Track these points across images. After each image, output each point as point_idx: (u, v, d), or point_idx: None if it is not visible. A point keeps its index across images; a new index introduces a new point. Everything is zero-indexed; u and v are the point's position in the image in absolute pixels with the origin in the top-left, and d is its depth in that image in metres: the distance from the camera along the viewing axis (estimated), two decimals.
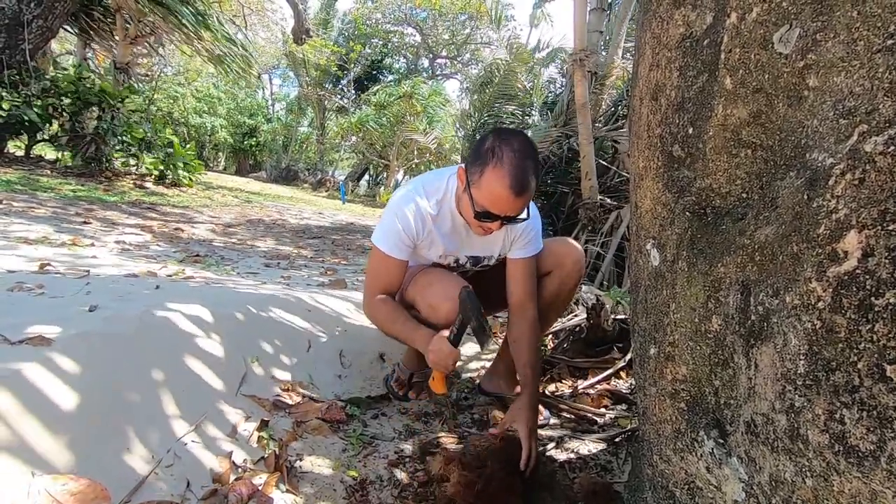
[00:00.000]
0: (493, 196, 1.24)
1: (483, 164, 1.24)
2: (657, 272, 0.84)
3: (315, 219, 7.96)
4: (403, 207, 1.41)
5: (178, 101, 17.81)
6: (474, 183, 1.26)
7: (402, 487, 1.24)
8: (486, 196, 1.25)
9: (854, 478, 0.46)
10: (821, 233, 0.50)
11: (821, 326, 0.49)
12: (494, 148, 1.23)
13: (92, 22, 8.01)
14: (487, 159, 1.23)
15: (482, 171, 1.24)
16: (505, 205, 1.25)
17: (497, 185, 1.22)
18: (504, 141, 1.24)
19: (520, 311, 1.48)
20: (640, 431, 0.97)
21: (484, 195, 1.25)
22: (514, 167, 1.21)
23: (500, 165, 1.22)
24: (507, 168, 1.21)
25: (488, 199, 1.25)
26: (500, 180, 1.21)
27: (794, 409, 0.52)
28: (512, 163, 1.21)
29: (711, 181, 0.73)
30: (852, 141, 0.50)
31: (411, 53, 22.28)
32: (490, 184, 1.23)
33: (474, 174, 1.26)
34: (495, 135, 1.27)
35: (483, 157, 1.24)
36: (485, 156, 1.24)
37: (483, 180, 1.24)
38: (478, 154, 1.27)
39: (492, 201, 1.24)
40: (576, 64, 3.86)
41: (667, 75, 0.82)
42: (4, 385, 0.94)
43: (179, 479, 1.04)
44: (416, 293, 1.49)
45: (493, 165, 1.22)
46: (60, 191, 5.13)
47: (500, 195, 1.23)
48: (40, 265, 2.16)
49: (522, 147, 1.24)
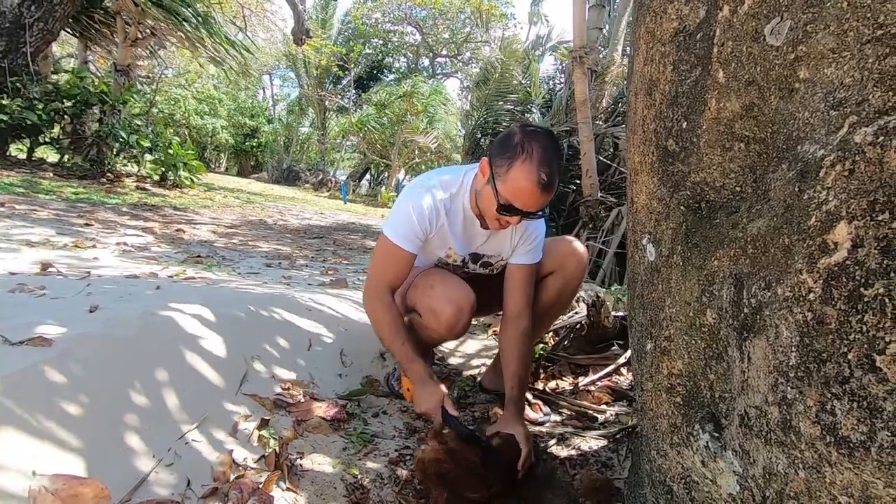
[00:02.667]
0: (520, 190, 1.24)
1: (511, 157, 1.24)
2: (653, 267, 0.84)
3: (316, 219, 7.97)
4: (419, 198, 1.39)
5: (179, 102, 17.85)
6: (500, 176, 1.26)
7: (403, 485, 1.24)
8: (511, 190, 1.25)
9: (845, 468, 0.46)
10: (811, 224, 0.50)
11: (812, 318, 0.49)
12: (524, 143, 1.24)
13: (92, 24, 8.04)
14: (516, 153, 1.23)
15: (510, 165, 1.24)
16: (530, 200, 1.25)
17: (524, 180, 1.22)
18: (533, 137, 1.25)
19: (514, 319, 1.48)
20: (638, 427, 0.97)
21: (509, 189, 1.25)
22: (542, 163, 1.22)
23: (529, 161, 1.22)
24: (536, 163, 1.22)
25: (513, 193, 1.25)
26: (528, 175, 1.22)
27: (787, 401, 0.52)
28: (541, 158, 1.22)
29: (706, 175, 0.73)
30: (843, 132, 0.50)
31: (411, 52, 22.28)
32: (517, 178, 1.23)
33: (501, 167, 1.26)
34: (522, 130, 1.28)
35: (511, 151, 1.24)
36: (513, 150, 1.24)
37: (510, 174, 1.24)
38: (505, 147, 1.27)
39: (517, 195, 1.25)
40: (575, 61, 3.85)
41: (661, 70, 0.82)
42: (7, 385, 0.95)
43: (180, 478, 1.04)
44: (418, 297, 1.48)
45: (521, 160, 1.23)
46: (62, 193, 5.15)
47: (527, 190, 1.23)
48: (42, 267, 2.17)
49: (550, 144, 1.25)
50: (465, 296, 1.44)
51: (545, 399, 1.73)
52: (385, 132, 15.26)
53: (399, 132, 14.90)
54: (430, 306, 1.43)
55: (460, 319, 1.42)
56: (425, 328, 1.49)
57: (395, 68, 21.32)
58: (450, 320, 1.41)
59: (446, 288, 1.44)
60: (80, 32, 8.24)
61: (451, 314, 1.41)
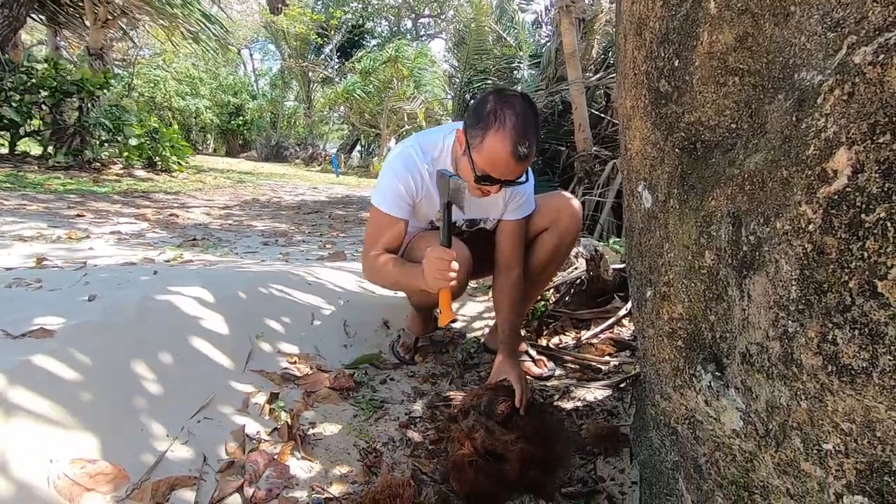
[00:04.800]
0: (495, 161, 1.21)
1: (484, 127, 1.20)
2: (650, 214, 0.83)
3: (310, 194, 7.90)
4: (400, 165, 1.39)
5: (159, 84, 17.37)
6: (475, 147, 1.23)
7: (415, 447, 1.27)
8: (486, 161, 1.22)
9: (847, 395, 0.46)
10: (810, 154, 0.49)
11: (812, 249, 0.48)
12: (496, 111, 1.20)
13: (60, 9, 7.72)
14: (489, 123, 1.20)
15: (483, 136, 1.21)
16: (506, 169, 1.22)
17: (499, 151, 1.19)
18: (505, 104, 1.20)
19: (505, 269, 1.49)
20: (641, 374, 0.99)
21: (484, 160, 1.22)
22: (516, 132, 1.18)
23: (502, 130, 1.18)
24: (510, 133, 1.18)
25: (489, 164, 1.22)
26: (502, 145, 1.19)
27: (788, 335, 0.52)
28: (514, 127, 1.18)
29: (700, 114, 0.70)
30: (841, 54, 0.48)
31: (393, 15, 21.53)
32: (491, 148, 1.20)
33: (475, 138, 1.23)
34: (496, 97, 1.23)
35: (484, 121, 1.21)
36: (486, 119, 1.20)
37: (484, 145, 1.21)
38: (478, 117, 1.23)
39: (493, 166, 1.22)
40: (562, 11, 3.72)
41: (650, 6, 0.78)
42: (14, 376, 0.95)
43: (196, 455, 1.06)
44: (415, 257, 1.48)
45: (494, 130, 1.19)
46: (50, 186, 5.08)
47: (502, 160, 1.20)
48: (37, 260, 2.15)
49: (524, 111, 1.21)
50: (462, 252, 1.43)
51: (549, 355, 1.75)
52: (372, 100, 14.90)
53: (386, 99, 14.56)
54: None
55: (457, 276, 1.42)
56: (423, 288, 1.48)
57: (377, 33, 20.64)
58: None
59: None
60: (47, 17, 7.92)
61: None
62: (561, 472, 1.19)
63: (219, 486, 1.01)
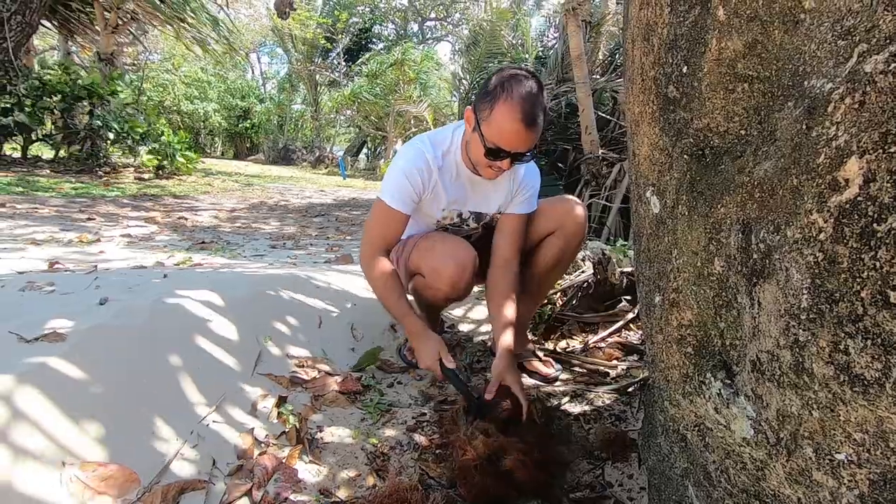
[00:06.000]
0: (504, 130, 1.24)
1: (493, 99, 1.24)
2: (658, 219, 0.82)
3: (317, 197, 7.93)
4: (409, 159, 1.42)
5: (168, 88, 17.54)
6: (484, 119, 1.26)
7: (422, 451, 1.27)
8: (496, 131, 1.25)
9: (860, 406, 0.46)
10: (820, 162, 0.49)
11: (823, 258, 0.48)
12: (503, 83, 1.24)
13: (71, 14, 7.83)
14: (497, 95, 1.24)
15: (492, 107, 1.24)
16: (515, 139, 1.25)
17: (507, 118, 1.22)
18: (512, 76, 1.25)
19: (504, 265, 1.49)
20: (650, 379, 0.98)
21: (494, 130, 1.25)
22: (523, 100, 1.22)
23: (509, 99, 1.22)
24: (517, 100, 1.22)
25: (498, 134, 1.25)
26: (511, 113, 1.22)
27: (799, 344, 0.51)
28: (521, 95, 1.22)
29: (709, 120, 0.70)
30: (851, 63, 0.48)
31: (399, 18, 21.60)
32: (500, 117, 1.23)
33: (484, 110, 1.26)
34: (502, 73, 1.27)
35: (492, 93, 1.25)
36: (493, 91, 1.25)
37: (493, 115, 1.24)
38: (486, 91, 1.27)
39: (502, 135, 1.25)
40: (568, 14, 3.72)
41: (658, 13, 0.78)
42: (27, 380, 0.96)
43: (205, 458, 1.07)
44: (420, 258, 1.49)
45: (503, 99, 1.22)
46: (61, 189, 5.14)
47: (511, 128, 1.23)
48: (49, 264, 2.18)
49: (531, 82, 1.24)
50: (467, 252, 1.45)
51: (556, 359, 1.75)
52: (378, 103, 14.96)
53: (393, 102, 14.60)
54: (432, 265, 1.44)
55: (463, 276, 1.43)
56: (429, 288, 1.49)
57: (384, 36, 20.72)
58: (452, 276, 1.42)
59: (447, 247, 1.45)
60: (59, 23, 8.03)
61: (452, 270, 1.42)
62: (568, 477, 1.18)
63: (227, 490, 1.02)
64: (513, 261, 1.49)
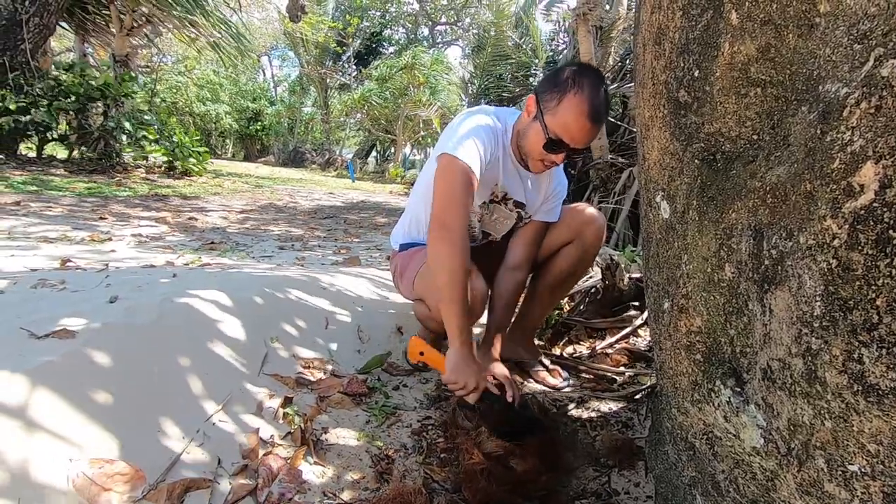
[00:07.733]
0: (570, 122, 1.23)
1: (562, 91, 1.23)
2: (668, 224, 0.82)
3: (326, 199, 7.97)
4: (483, 121, 1.34)
5: (181, 90, 17.75)
6: (549, 110, 1.25)
7: (427, 454, 1.26)
8: (561, 123, 1.23)
9: (874, 416, 0.45)
10: (835, 167, 0.48)
11: (837, 265, 0.47)
12: (575, 77, 1.23)
13: (87, 16, 7.95)
14: (567, 87, 1.22)
15: (560, 98, 1.23)
16: (579, 133, 1.24)
17: (576, 112, 1.21)
18: (583, 72, 1.25)
19: (513, 270, 1.48)
20: (658, 386, 0.97)
21: (559, 122, 1.24)
22: (593, 96, 1.21)
23: (580, 93, 1.21)
24: (588, 96, 1.21)
25: (563, 127, 1.23)
26: (580, 107, 1.21)
27: (811, 352, 0.50)
28: (591, 91, 1.21)
29: (720, 125, 0.70)
30: (867, 67, 0.47)
31: (410, 23, 21.73)
32: (568, 110, 1.22)
33: (550, 101, 1.25)
34: (574, 67, 1.27)
35: (562, 85, 1.24)
36: (564, 84, 1.23)
37: (560, 107, 1.23)
38: (555, 83, 1.26)
39: (567, 128, 1.23)
40: (579, 18, 3.72)
41: (669, 17, 0.78)
42: (37, 376, 0.97)
43: (211, 457, 1.07)
44: (425, 289, 1.43)
45: (573, 93, 1.22)
46: (74, 189, 5.21)
47: (578, 123, 1.22)
48: (61, 262, 2.21)
49: (600, 82, 1.24)
50: (478, 286, 1.37)
51: (563, 364, 1.74)
52: (388, 107, 15.03)
53: (402, 106, 14.66)
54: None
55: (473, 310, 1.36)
56: (433, 320, 1.44)
57: (394, 40, 20.85)
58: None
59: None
60: (75, 25, 8.16)
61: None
62: (574, 484, 1.17)
63: (232, 490, 1.02)
64: (524, 266, 1.49)
